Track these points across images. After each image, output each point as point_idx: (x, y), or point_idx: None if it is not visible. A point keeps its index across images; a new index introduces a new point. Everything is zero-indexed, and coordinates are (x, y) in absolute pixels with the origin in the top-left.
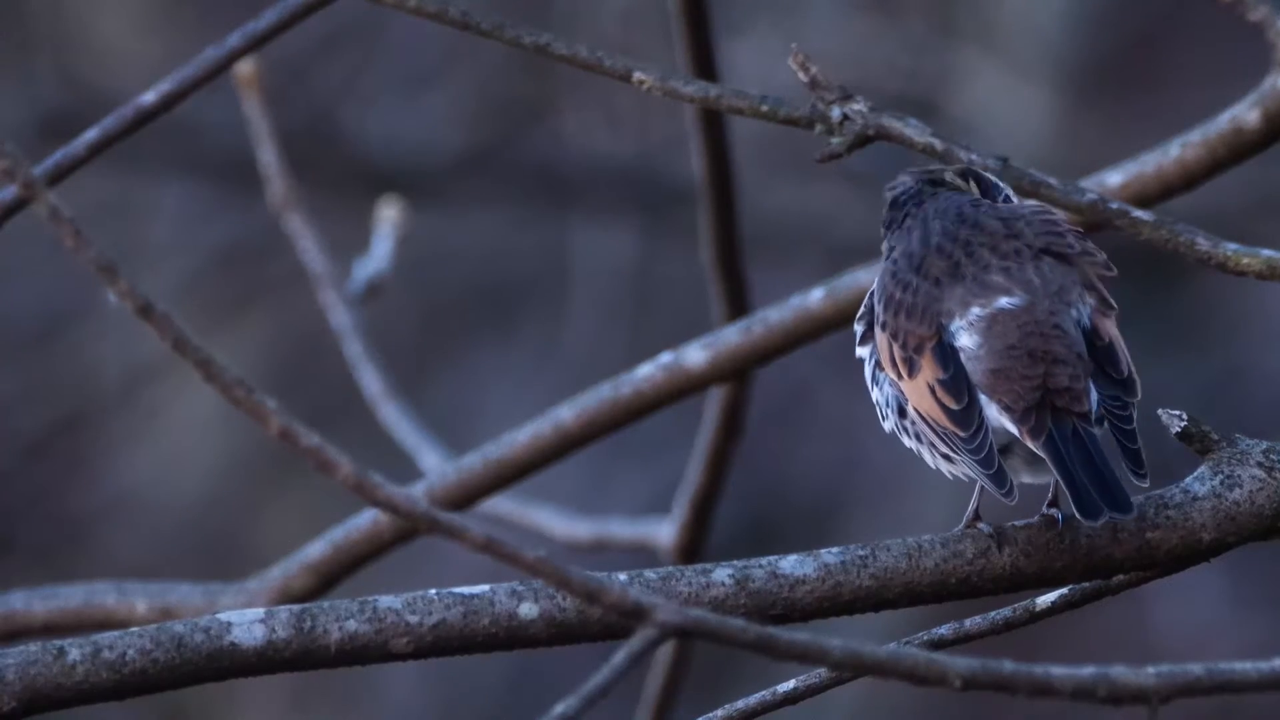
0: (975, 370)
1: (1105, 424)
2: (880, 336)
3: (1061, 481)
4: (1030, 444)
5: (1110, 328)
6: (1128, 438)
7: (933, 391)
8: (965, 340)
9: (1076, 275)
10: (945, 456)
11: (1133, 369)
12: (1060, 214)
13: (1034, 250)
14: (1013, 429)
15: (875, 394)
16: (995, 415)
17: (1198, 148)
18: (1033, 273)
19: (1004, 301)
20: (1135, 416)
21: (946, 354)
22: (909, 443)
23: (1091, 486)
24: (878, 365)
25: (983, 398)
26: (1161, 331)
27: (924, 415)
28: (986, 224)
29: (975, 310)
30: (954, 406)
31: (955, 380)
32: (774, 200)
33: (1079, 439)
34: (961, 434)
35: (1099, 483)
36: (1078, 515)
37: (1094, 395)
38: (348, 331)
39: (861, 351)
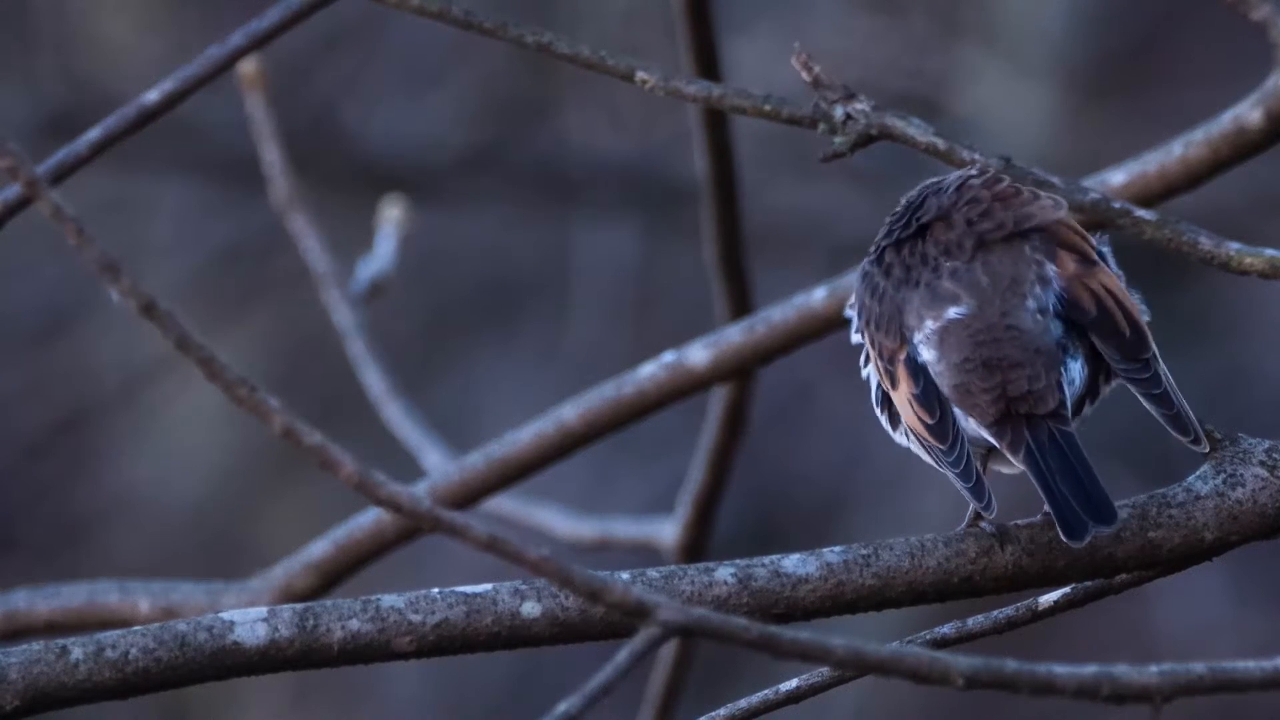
0: (941, 385)
1: (1100, 401)
2: (868, 347)
3: (1044, 498)
4: (1012, 459)
5: (1097, 285)
6: (1162, 403)
7: (910, 405)
8: (926, 355)
9: (1028, 250)
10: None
11: (1137, 318)
12: (982, 180)
13: (974, 239)
14: (994, 442)
15: (864, 371)
16: (975, 428)
17: (1200, 147)
18: (981, 271)
19: (953, 312)
20: (1163, 372)
21: (916, 368)
22: (885, 424)
23: (1073, 499)
24: (867, 357)
25: (957, 411)
26: (1164, 331)
27: (909, 427)
28: (927, 211)
29: (929, 323)
30: (929, 420)
31: (926, 394)
32: (777, 199)
33: (1056, 446)
34: (940, 447)
35: (1080, 494)
36: (1062, 537)
37: (1074, 378)
38: (350, 330)
39: (858, 338)
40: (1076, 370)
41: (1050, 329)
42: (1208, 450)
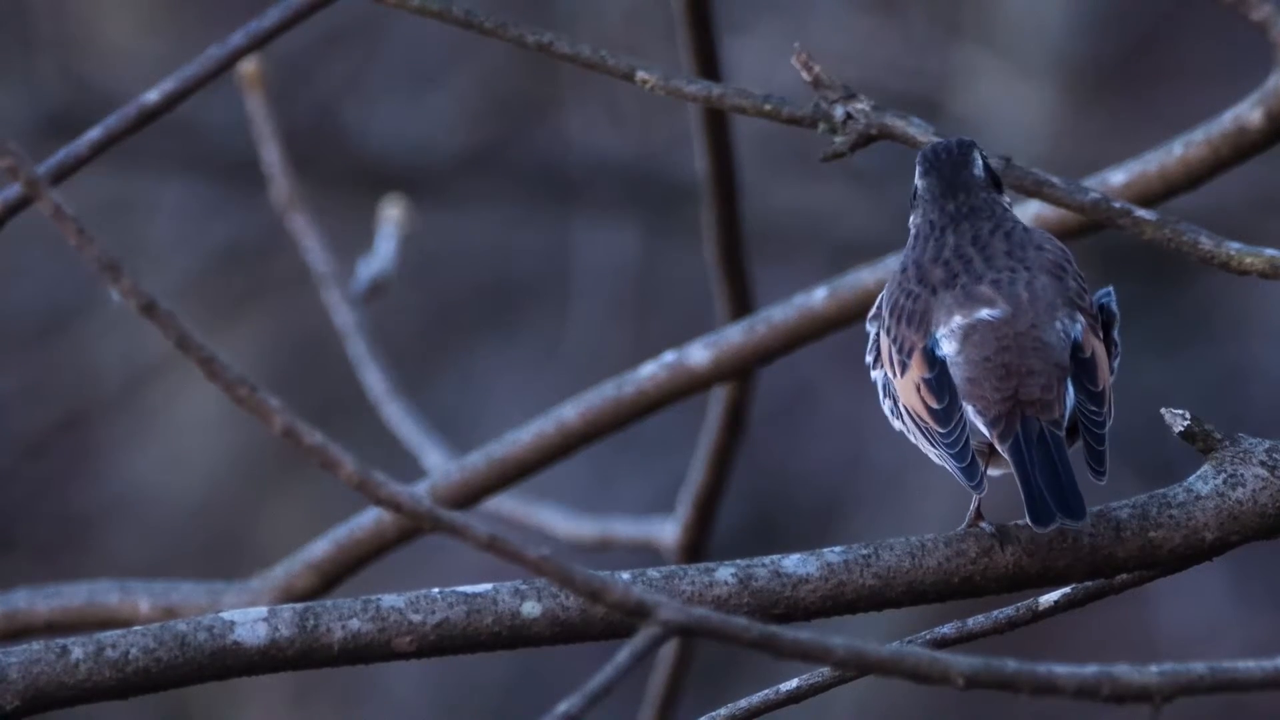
0: (955, 376)
1: (1079, 427)
2: (883, 339)
3: (1019, 485)
4: (998, 447)
5: (1097, 346)
6: (1095, 439)
7: (917, 389)
8: (946, 348)
9: (1070, 296)
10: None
11: (1109, 388)
12: (1072, 264)
13: (1031, 272)
14: (985, 431)
15: (873, 374)
16: (971, 417)
17: (1201, 147)
18: (1023, 287)
19: (985, 313)
20: (1108, 425)
21: (932, 358)
22: (898, 425)
23: (1047, 491)
24: (876, 359)
25: (963, 402)
26: (1164, 330)
27: (910, 410)
28: (993, 246)
29: (957, 319)
30: (935, 405)
31: (939, 380)
32: (777, 199)
33: (1043, 442)
34: (940, 430)
35: (1055, 487)
36: (1029, 522)
37: (1070, 397)
38: (351, 330)
39: (871, 358)
40: (1070, 395)
41: (1068, 349)
42: (1104, 483)
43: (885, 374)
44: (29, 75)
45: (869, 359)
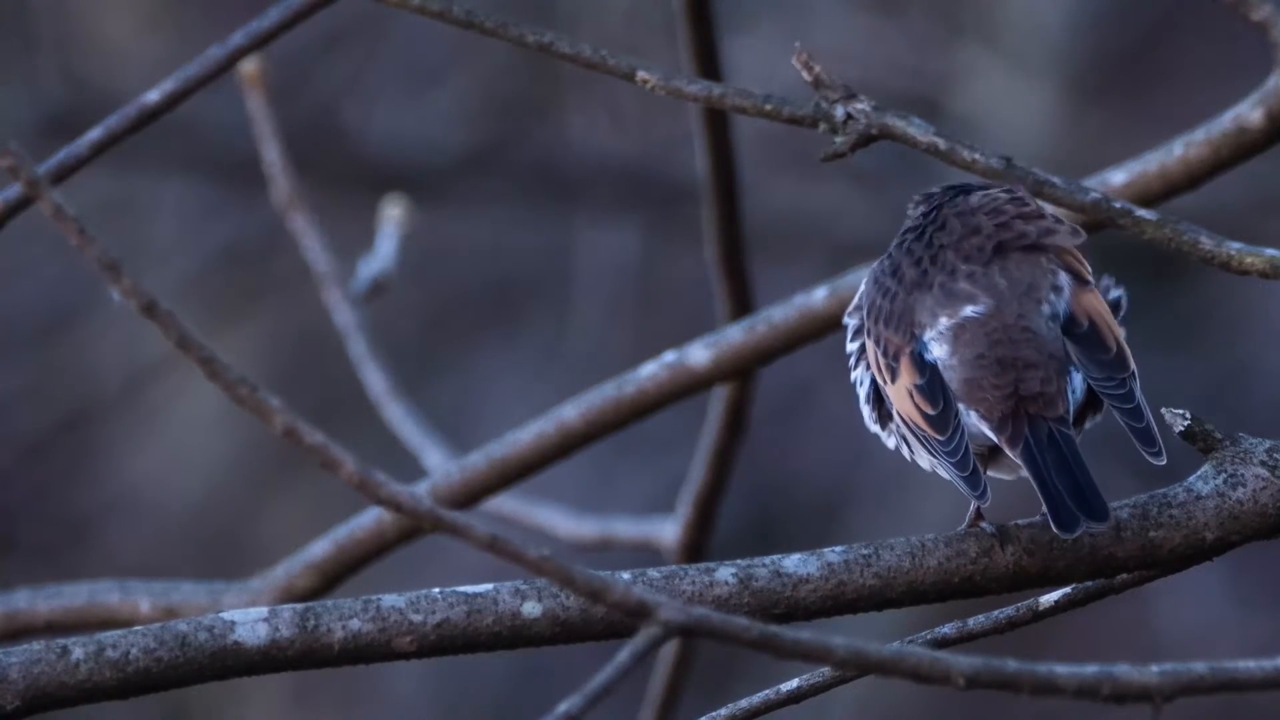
0: (950, 379)
1: (1104, 411)
2: (867, 342)
3: (1038, 492)
4: (1009, 452)
5: (1091, 303)
6: (1133, 416)
7: (910, 396)
8: (936, 351)
9: (1045, 261)
10: (927, 460)
11: (1121, 342)
12: (1009, 196)
13: (993, 244)
14: (992, 436)
15: (854, 374)
16: (975, 422)
17: (1201, 147)
18: (999, 275)
19: (969, 310)
20: (1136, 391)
21: (922, 362)
22: (874, 428)
23: (1067, 495)
24: (860, 356)
25: (960, 405)
26: (1165, 330)
27: (905, 418)
28: (950, 223)
29: (943, 320)
30: (930, 411)
31: (931, 385)
32: (778, 199)
33: (1055, 445)
34: (939, 437)
35: (1074, 490)
36: (1053, 528)
37: (1076, 387)
38: (352, 330)
39: (852, 347)
40: (1078, 381)
41: (1060, 337)
42: (1164, 462)
43: (874, 378)
44: (29, 75)
45: (850, 347)
